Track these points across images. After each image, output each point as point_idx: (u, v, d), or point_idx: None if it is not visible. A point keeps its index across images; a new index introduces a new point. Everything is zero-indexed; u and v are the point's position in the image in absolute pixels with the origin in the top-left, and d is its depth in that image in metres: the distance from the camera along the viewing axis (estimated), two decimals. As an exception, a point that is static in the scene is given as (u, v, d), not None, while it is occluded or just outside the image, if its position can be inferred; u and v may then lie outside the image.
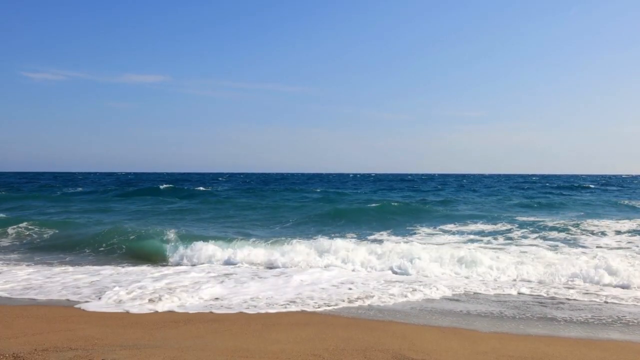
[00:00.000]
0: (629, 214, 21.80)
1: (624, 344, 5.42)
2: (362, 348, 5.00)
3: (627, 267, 9.08)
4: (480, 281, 8.95)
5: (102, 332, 5.61)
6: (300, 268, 10.21)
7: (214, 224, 18.39)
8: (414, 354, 4.84)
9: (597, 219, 19.07)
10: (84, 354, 4.70)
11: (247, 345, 5.12)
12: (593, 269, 8.98)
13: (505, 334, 5.83)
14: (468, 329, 6.02)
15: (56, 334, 5.50)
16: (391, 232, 15.99)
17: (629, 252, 11.95)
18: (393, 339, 5.39)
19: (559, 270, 9.12)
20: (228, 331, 5.71)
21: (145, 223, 16.68)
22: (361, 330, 5.77)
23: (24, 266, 10.46)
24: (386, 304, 7.30)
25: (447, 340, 5.40)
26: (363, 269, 10.11)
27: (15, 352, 4.74)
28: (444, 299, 7.66)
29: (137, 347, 4.94)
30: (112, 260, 11.56)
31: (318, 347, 5.02)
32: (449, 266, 9.74)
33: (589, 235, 14.84)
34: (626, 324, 6.27)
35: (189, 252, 11.56)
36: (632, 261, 10.02)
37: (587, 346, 5.29)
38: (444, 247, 11.73)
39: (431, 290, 8.06)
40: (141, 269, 10.26)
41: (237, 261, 10.92)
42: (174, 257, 11.59)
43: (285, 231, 16.24)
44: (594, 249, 12.45)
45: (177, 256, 11.57)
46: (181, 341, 5.25)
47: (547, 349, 5.12)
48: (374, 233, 15.80)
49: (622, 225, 16.74)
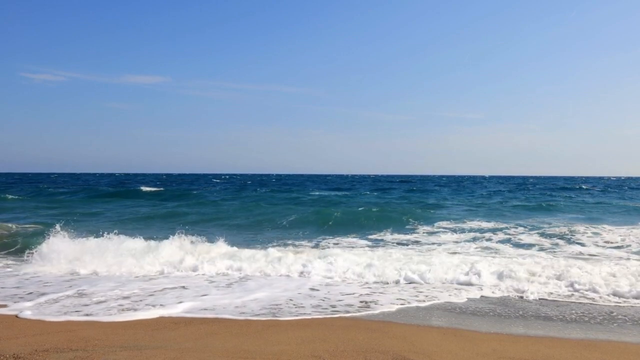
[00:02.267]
0: (592, 214, 21.82)
1: (624, 346, 5.42)
2: (363, 349, 5.00)
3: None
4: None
5: (103, 333, 5.61)
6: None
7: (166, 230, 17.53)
8: (414, 355, 4.84)
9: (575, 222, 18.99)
10: (85, 354, 4.70)
11: (248, 346, 5.12)
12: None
13: (506, 335, 5.83)
14: (469, 329, 6.02)
15: (56, 334, 5.49)
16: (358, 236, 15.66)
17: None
18: (393, 340, 5.39)
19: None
20: (228, 332, 5.71)
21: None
22: (361, 331, 5.76)
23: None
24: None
25: (448, 342, 5.40)
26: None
27: (16, 352, 4.74)
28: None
29: (137, 348, 4.94)
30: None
31: (318, 349, 5.02)
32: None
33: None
34: (626, 325, 6.28)
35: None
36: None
37: (587, 348, 5.29)
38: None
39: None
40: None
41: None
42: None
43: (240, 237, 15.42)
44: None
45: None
46: (181, 342, 5.25)
47: (548, 351, 5.12)
48: (327, 237, 15.50)
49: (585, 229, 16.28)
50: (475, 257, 10.78)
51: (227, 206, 26.20)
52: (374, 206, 25.61)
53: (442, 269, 9.41)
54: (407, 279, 9.02)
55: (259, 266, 10.12)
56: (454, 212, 24.31)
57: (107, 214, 22.39)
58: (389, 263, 9.97)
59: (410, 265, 9.68)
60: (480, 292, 8.24)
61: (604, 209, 25.91)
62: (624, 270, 9.17)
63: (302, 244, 14.00)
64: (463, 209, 26.40)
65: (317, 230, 17.51)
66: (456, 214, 22.95)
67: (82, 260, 10.37)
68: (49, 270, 9.99)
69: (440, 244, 13.98)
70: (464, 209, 26.38)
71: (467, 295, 7.96)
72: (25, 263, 10.73)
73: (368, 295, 8.00)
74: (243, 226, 18.75)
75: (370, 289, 8.44)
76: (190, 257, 10.63)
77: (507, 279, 8.83)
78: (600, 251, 12.71)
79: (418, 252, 12.19)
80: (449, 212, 24.19)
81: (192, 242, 11.72)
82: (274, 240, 14.55)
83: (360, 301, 7.55)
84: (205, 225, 18.53)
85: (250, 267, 10.09)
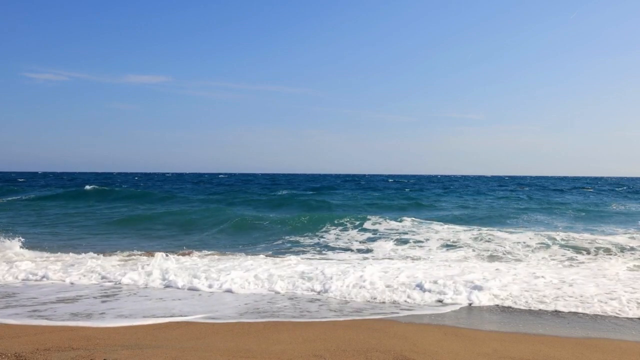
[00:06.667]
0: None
1: (625, 346, 5.43)
2: (364, 349, 5.00)
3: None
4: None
5: (104, 331, 5.61)
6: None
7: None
8: (416, 355, 4.84)
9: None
10: (86, 353, 4.69)
11: (249, 345, 5.12)
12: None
13: (507, 334, 5.84)
14: (470, 329, 6.04)
15: (58, 333, 5.50)
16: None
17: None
18: (394, 340, 5.39)
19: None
20: (229, 332, 5.71)
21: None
22: (362, 331, 5.77)
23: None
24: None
25: (449, 342, 5.41)
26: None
27: (17, 351, 4.74)
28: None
29: (138, 347, 4.94)
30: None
31: (319, 348, 5.03)
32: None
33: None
34: (626, 326, 6.30)
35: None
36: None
37: (589, 348, 5.30)
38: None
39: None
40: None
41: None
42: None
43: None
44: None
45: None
46: (183, 341, 5.25)
47: (549, 351, 5.13)
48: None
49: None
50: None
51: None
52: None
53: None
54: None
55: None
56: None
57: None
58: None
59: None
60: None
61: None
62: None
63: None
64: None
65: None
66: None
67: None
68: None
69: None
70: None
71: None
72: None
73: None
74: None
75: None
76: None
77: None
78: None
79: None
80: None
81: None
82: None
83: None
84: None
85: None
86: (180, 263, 10.32)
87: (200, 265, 10.18)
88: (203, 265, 10.19)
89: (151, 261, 10.20)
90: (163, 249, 12.91)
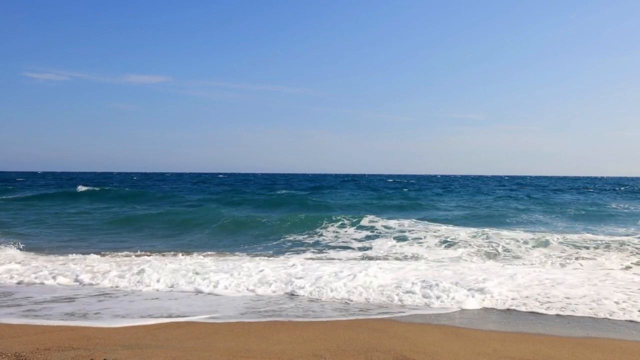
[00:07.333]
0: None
1: (625, 345, 5.43)
2: (364, 349, 5.00)
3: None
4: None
5: (104, 331, 5.60)
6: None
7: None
8: (416, 355, 4.84)
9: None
10: (86, 353, 4.69)
11: (249, 345, 5.12)
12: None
13: (507, 334, 5.84)
14: (470, 329, 6.03)
15: (58, 333, 5.49)
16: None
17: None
18: (394, 340, 5.39)
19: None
20: (230, 331, 5.71)
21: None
22: (363, 331, 5.76)
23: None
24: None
25: (449, 342, 5.41)
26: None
27: (18, 351, 4.73)
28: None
29: (138, 347, 4.93)
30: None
31: (320, 348, 5.02)
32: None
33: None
34: (626, 325, 6.30)
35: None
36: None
37: (589, 348, 5.30)
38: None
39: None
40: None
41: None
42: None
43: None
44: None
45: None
46: (183, 341, 5.25)
47: (549, 351, 5.13)
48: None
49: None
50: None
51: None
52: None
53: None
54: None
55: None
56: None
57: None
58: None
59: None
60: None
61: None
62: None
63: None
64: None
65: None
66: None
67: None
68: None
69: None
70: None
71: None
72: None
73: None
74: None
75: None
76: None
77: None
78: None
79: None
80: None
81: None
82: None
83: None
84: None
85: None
86: (177, 263, 10.31)
87: (198, 265, 10.18)
88: (200, 265, 10.20)
89: (148, 261, 10.19)
90: (161, 248, 12.92)
